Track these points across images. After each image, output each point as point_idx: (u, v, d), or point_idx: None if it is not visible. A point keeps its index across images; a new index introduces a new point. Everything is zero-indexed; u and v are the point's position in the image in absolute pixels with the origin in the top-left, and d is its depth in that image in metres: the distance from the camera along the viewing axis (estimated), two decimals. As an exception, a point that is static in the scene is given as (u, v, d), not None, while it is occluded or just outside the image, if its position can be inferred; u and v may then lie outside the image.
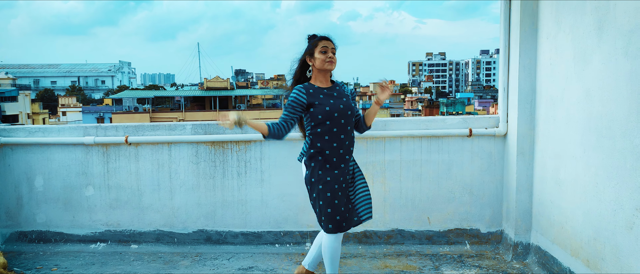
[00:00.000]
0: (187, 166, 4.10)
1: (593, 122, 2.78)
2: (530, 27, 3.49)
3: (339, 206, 2.74)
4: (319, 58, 2.77)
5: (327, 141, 2.73)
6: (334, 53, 2.81)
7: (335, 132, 2.74)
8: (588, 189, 2.85)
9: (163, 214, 4.15)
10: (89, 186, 4.17)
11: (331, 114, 2.73)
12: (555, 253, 3.28)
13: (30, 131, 4.20)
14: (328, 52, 2.77)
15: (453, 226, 4.03)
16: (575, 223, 3.01)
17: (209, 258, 3.86)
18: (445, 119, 4.00)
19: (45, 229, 4.24)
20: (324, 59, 2.76)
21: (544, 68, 3.40)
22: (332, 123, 2.73)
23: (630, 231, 2.47)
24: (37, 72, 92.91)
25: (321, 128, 2.74)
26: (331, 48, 2.79)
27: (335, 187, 2.73)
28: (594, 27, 2.75)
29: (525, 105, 3.58)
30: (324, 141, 2.74)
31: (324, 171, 2.73)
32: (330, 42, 2.81)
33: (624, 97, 2.49)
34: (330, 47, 2.79)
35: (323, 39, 2.81)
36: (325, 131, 2.73)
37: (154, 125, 4.15)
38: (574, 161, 3.01)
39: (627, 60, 2.46)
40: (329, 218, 2.73)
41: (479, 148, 3.95)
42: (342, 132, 2.76)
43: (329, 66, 2.77)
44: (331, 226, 2.74)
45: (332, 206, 2.72)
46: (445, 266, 3.63)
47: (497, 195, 3.97)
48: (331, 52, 2.79)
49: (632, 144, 2.43)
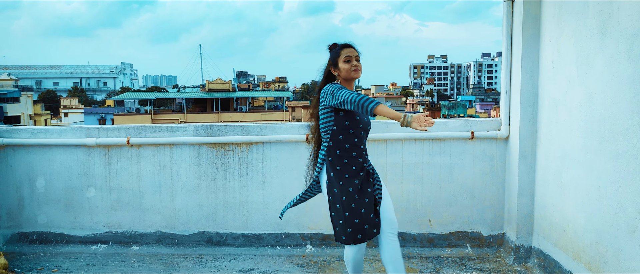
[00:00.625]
0: (189, 168, 4.10)
1: (595, 125, 2.77)
2: (533, 29, 3.49)
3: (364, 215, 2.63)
4: (344, 68, 2.68)
5: (347, 150, 2.67)
6: (358, 61, 2.72)
7: (356, 142, 2.68)
8: (590, 192, 2.84)
9: (164, 215, 4.15)
10: (90, 187, 4.17)
11: (357, 124, 2.68)
12: (557, 257, 3.27)
13: (32, 132, 4.20)
14: (352, 61, 2.69)
15: (454, 229, 4.02)
16: (578, 227, 3.00)
17: (210, 260, 3.86)
18: (447, 122, 4.00)
19: (46, 231, 4.24)
20: (349, 68, 2.68)
21: (546, 71, 3.39)
22: (355, 133, 2.68)
23: (633, 235, 2.46)
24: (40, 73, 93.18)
25: (343, 134, 2.66)
26: (355, 56, 2.71)
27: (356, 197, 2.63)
28: (597, 30, 2.75)
29: (527, 108, 3.57)
30: (343, 148, 2.67)
31: (344, 182, 2.64)
32: (353, 49, 2.73)
33: (626, 100, 2.48)
34: (354, 55, 2.71)
35: (345, 47, 2.72)
36: (348, 138, 2.67)
37: (155, 127, 4.15)
38: (576, 164, 3.00)
39: (630, 63, 2.45)
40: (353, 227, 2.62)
41: (481, 151, 3.94)
42: (362, 143, 2.72)
43: (355, 75, 2.69)
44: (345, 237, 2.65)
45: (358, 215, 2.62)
46: (446, 269, 3.62)
47: (499, 198, 3.96)
48: (355, 60, 2.71)
49: (635, 147, 2.42)
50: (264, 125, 4.09)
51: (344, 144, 2.67)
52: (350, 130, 2.67)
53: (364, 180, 2.69)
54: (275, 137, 4.01)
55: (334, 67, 2.74)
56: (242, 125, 4.10)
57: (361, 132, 2.72)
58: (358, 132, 2.70)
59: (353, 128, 2.67)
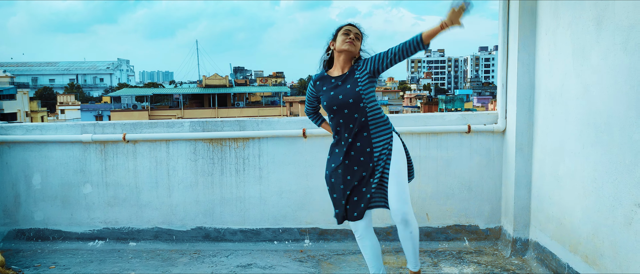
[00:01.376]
0: (186, 164, 4.09)
1: (592, 118, 2.78)
2: (529, 22, 3.48)
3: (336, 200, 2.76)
4: (340, 39, 2.75)
5: (338, 132, 2.76)
6: (356, 38, 2.76)
7: (341, 123, 2.72)
8: (587, 185, 2.85)
9: (161, 211, 4.14)
10: (87, 183, 4.16)
11: (330, 107, 2.72)
12: (554, 249, 3.28)
13: (27, 129, 4.18)
14: (350, 34, 2.75)
15: (451, 222, 4.02)
16: (574, 219, 3.01)
17: (208, 255, 3.86)
18: (444, 116, 3.99)
19: (43, 227, 4.23)
20: (343, 39, 2.73)
21: (542, 64, 3.39)
22: (336, 115, 2.72)
23: (629, 227, 2.47)
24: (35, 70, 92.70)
25: (328, 117, 2.80)
26: (355, 33, 2.76)
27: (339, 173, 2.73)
28: (593, 22, 2.74)
29: (523, 100, 3.57)
30: (336, 131, 2.78)
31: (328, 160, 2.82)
32: (354, 26, 2.80)
33: (622, 93, 2.48)
34: (354, 32, 2.76)
35: (349, 25, 2.81)
36: (333, 121, 2.76)
37: (152, 123, 4.14)
38: (573, 157, 3.00)
39: (626, 56, 2.45)
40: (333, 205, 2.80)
41: (478, 144, 3.94)
42: (350, 121, 2.69)
43: (347, 47, 2.71)
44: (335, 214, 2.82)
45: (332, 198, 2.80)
46: (444, 262, 3.63)
47: (496, 191, 3.97)
48: (354, 35, 2.75)
49: (631, 139, 2.42)
50: (260, 120, 4.08)
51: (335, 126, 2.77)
52: (330, 114, 2.76)
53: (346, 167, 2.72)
54: (272, 132, 4.00)
55: (333, 40, 2.82)
56: (239, 120, 4.08)
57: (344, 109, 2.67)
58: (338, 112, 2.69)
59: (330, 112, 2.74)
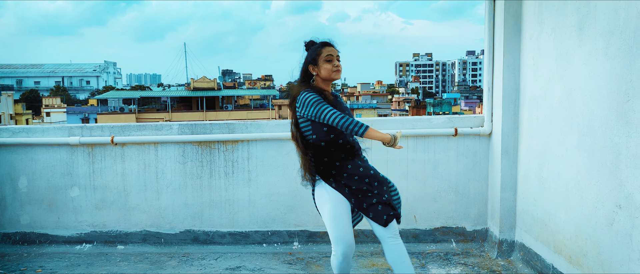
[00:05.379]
0: (174, 167, 4.08)
1: (575, 121, 2.84)
2: (514, 27, 3.54)
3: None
4: (326, 68, 2.55)
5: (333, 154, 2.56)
6: (338, 61, 2.59)
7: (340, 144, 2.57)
8: (570, 187, 2.91)
9: (150, 214, 4.13)
10: (74, 186, 4.13)
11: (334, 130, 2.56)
12: (539, 250, 3.33)
13: (13, 131, 4.14)
14: (334, 60, 2.56)
15: (439, 224, 4.07)
16: (558, 220, 3.07)
17: (197, 258, 3.85)
18: (431, 119, 4.04)
19: (29, 231, 4.19)
20: (330, 69, 2.55)
21: (527, 68, 3.46)
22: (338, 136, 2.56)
23: (611, 228, 2.52)
24: (20, 72, 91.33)
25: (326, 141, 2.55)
26: (336, 56, 2.58)
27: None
28: (575, 27, 2.81)
29: (509, 104, 3.63)
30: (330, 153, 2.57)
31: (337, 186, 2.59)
32: (334, 48, 2.61)
33: (603, 97, 2.54)
34: (336, 55, 2.58)
35: (326, 45, 2.60)
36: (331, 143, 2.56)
37: (140, 125, 4.12)
38: (557, 159, 3.06)
39: (606, 60, 2.51)
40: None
41: (465, 147, 3.99)
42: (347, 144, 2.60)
43: (336, 76, 2.57)
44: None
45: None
46: (431, 264, 3.67)
47: (482, 194, 4.03)
48: (337, 59, 2.58)
49: (612, 142, 2.48)
50: (249, 123, 4.09)
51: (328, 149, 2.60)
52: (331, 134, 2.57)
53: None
54: (260, 135, 4.01)
55: (313, 65, 2.59)
56: (228, 123, 4.09)
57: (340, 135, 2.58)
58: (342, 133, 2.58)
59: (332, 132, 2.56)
